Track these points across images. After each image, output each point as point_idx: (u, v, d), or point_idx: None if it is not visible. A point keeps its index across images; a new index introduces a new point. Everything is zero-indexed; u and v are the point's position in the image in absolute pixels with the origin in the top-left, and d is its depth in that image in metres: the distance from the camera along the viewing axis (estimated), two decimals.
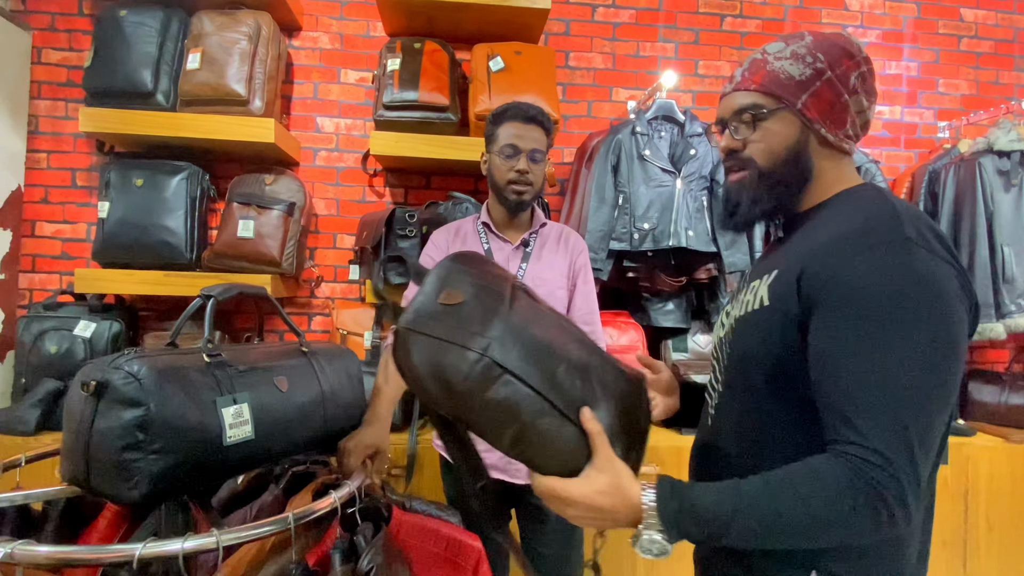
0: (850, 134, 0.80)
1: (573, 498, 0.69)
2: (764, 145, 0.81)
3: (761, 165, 0.81)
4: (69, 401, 0.79)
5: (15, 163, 2.10)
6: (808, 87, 0.78)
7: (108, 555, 0.69)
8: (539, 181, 1.47)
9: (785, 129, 0.80)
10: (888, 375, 0.64)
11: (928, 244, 0.68)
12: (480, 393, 0.66)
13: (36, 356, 1.85)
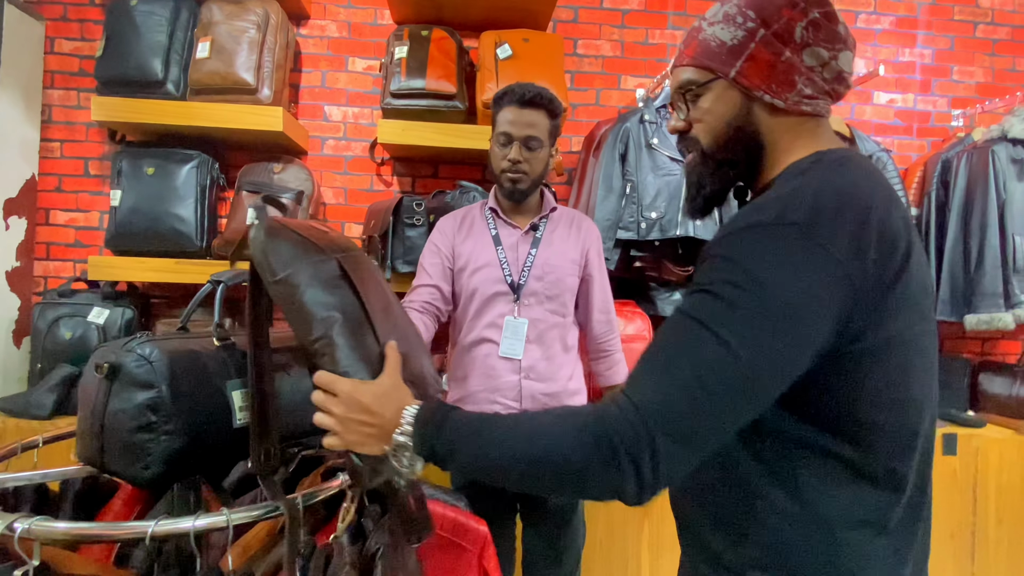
0: (808, 93, 0.70)
1: (344, 391, 0.70)
2: (704, 124, 0.74)
3: (704, 146, 0.75)
4: (83, 383, 0.81)
5: (29, 152, 2.13)
6: (742, 51, 0.69)
7: (122, 532, 0.71)
8: (537, 169, 1.42)
9: (724, 103, 0.72)
10: (686, 347, 0.61)
11: (814, 232, 0.60)
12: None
13: (51, 342, 1.89)
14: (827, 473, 0.64)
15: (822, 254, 0.59)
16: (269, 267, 0.73)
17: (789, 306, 0.59)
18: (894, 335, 0.62)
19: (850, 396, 0.62)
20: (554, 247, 1.47)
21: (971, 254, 2.15)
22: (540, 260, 1.45)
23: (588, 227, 1.53)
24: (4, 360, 1.99)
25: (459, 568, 1.00)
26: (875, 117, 2.48)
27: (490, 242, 1.49)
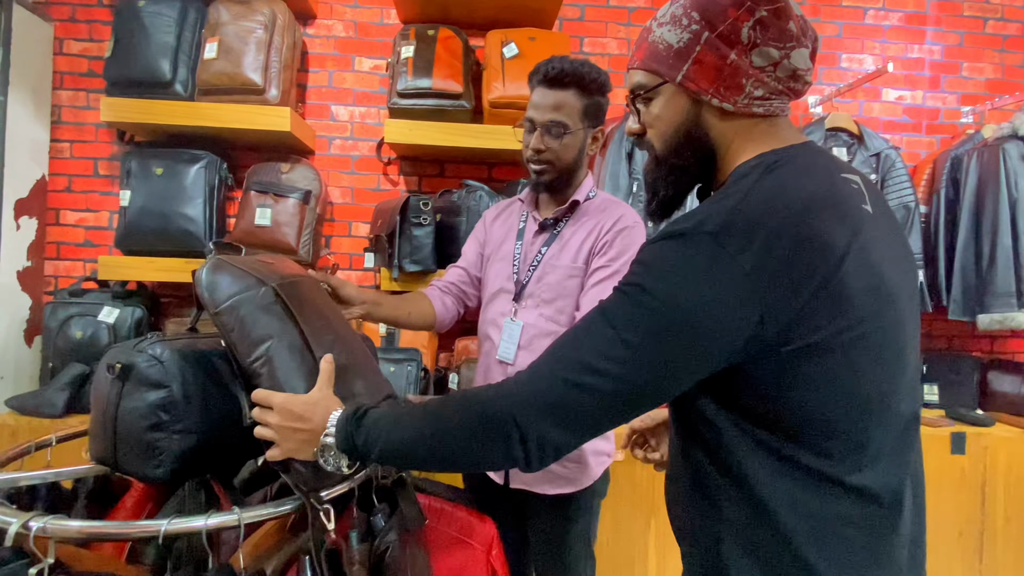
0: (759, 95, 0.68)
1: (278, 403, 0.77)
2: (655, 129, 0.74)
3: (657, 150, 0.75)
4: (96, 383, 0.82)
5: (39, 153, 2.15)
6: (688, 55, 0.68)
7: (135, 530, 0.72)
8: (565, 157, 1.25)
9: (672, 107, 0.71)
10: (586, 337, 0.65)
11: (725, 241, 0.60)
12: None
13: (62, 341, 1.90)
14: (780, 473, 0.64)
15: (729, 264, 0.60)
16: (212, 301, 0.81)
17: (687, 313, 0.61)
18: (827, 339, 0.61)
19: (788, 397, 0.62)
20: (565, 242, 1.28)
21: (983, 253, 2.13)
22: (546, 259, 1.29)
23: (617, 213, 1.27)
24: (16, 359, 2.02)
25: (467, 566, 1.00)
26: (884, 114, 2.47)
27: (514, 235, 1.38)
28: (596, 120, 1.28)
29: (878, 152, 2.22)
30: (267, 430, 0.77)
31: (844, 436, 0.63)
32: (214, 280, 0.81)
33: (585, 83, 1.23)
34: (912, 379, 0.68)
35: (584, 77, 1.22)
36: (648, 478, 1.88)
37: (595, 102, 1.26)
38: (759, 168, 0.67)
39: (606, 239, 1.24)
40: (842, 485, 0.63)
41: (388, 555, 0.81)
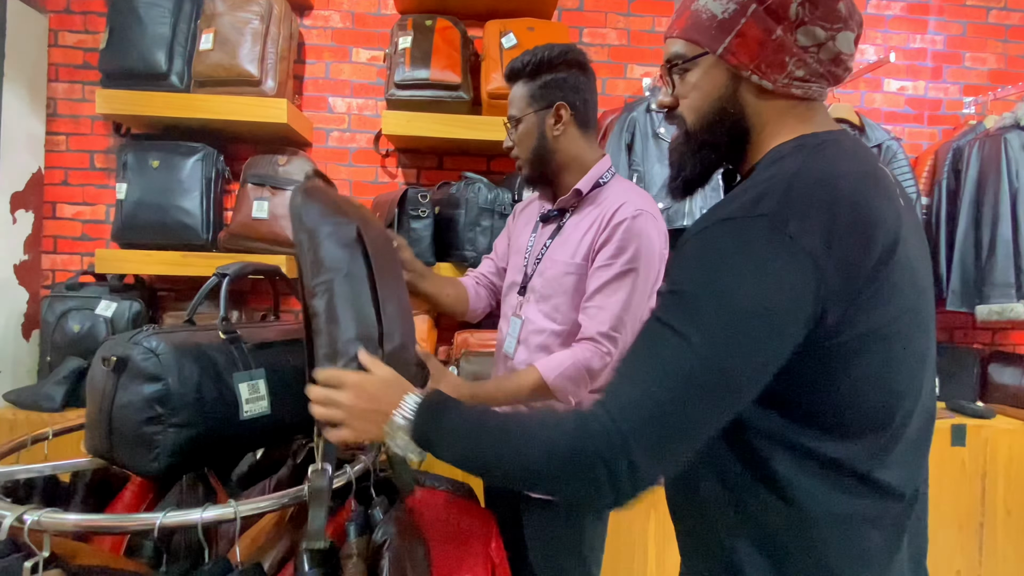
0: (800, 76, 0.66)
1: (353, 382, 0.73)
2: (689, 102, 0.71)
3: (688, 124, 0.72)
4: (92, 376, 0.82)
5: (35, 145, 2.13)
6: (732, 27, 0.65)
7: (131, 523, 0.71)
8: (524, 145, 1.23)
9: (710, 80, 0.69)
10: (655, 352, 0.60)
11: (783, 223, 0.57)
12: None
13: (60, 335, 1.90)
14: (809, 470, 0.62)
15: (789, 246, 0.57)
16: (299, 222, 0.81)
17: (756, 303, 0.57)
18: (875, 329, 0.59)
19: (829, 391, 0.61)
20: (565, 236, 1.23)
21: (983, 244, 2.12)
22: (548, 252, 1.24)
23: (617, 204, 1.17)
24: (14, 353, 2.01)
25: (466, 559, 1.00)
26: (885, 105, 2.45)
27: (531, 227, 1.34)
28: (547, 99, 1.20)
29: (879, 143, 2.20)
30: (336, 411, 0.73)
31: (877, 431, 0.62)
32: (306, 203, 0.82)
33: (527, 70, 1.20)
34: (933, 373, 0.68)
35: (526, 65, 1.19)
36: None
37: (541, 83, 1.20)
38: (803, 149, 0.65)
39: (604, 235, 1.15)
40: (868, 481, 0.62)
41: (386, 548, 0.81)
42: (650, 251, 1.14)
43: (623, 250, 1.13)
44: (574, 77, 1.21)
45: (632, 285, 1.12)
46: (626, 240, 1.13)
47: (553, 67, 1.19)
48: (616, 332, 1.12)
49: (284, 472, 1.04)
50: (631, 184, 1.28)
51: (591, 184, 1.22)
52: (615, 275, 1.13)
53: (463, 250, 1.96)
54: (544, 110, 1.19)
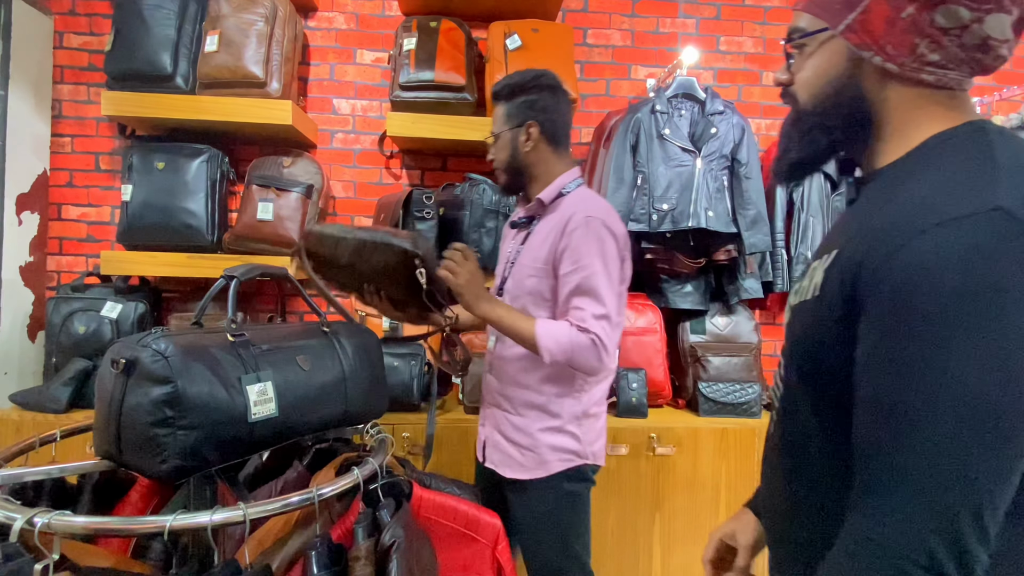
0: (933, 60, 0.57)
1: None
2: (804, 79, 0.66)
3: (800, 103, 0.67)
4: (100, 378, 0.82)
5: (40, 147, 2.14)
6: (857, 3, 0.59)
7: (140, 526, 0.71)
8: (499, 159, 1.37)
9: (827, 58, 0.63)
10: (935, 425, 0.47)
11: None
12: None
13: (66, 336, 1.90)
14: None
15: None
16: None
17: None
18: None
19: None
20: (530, 243, 1.35)
21: None
22: (518, 258, 1.37)
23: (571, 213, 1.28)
24: (20, 354, 2.01)
25: (473, 561, 1.00)
26: None
27: (508, 237, 1.50)
28: (520, 118, 1.34)
29: None
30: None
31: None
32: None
33: (503, 94, 1.35)
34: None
35: (502, 90, 1.35)
36: (652, 472, 1.88)
37: (514, 104, 1.34)
38: (983, 133, 0.57)
39: (563, 244, 1.26)
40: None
41: (394, 549, 0.81)
42: (605, 251, 1.25)
43: (582, 256, 1.24)
44: (544, 99, 1.35)
45: (605, 286, 1.23)
46: (576, 246, 1.24)
47: (526, 90, 1.34)
48: (602, 327, 1.22)
49: (291, 474, 1.04)
50: (591, 193, 1.38)
51: (554, 194, 1.34)
52: (586, 277, 1.23)
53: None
54: (517, 128, 1.34)
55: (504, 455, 1.36)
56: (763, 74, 2.40)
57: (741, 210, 2.05)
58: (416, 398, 1.86)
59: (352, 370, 1.02)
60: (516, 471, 1.33)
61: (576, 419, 1.33)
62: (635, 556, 1.89)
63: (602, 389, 1.39)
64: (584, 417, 1.34)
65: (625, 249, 1.31)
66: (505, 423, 1.36)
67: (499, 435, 1.37)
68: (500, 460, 1.37)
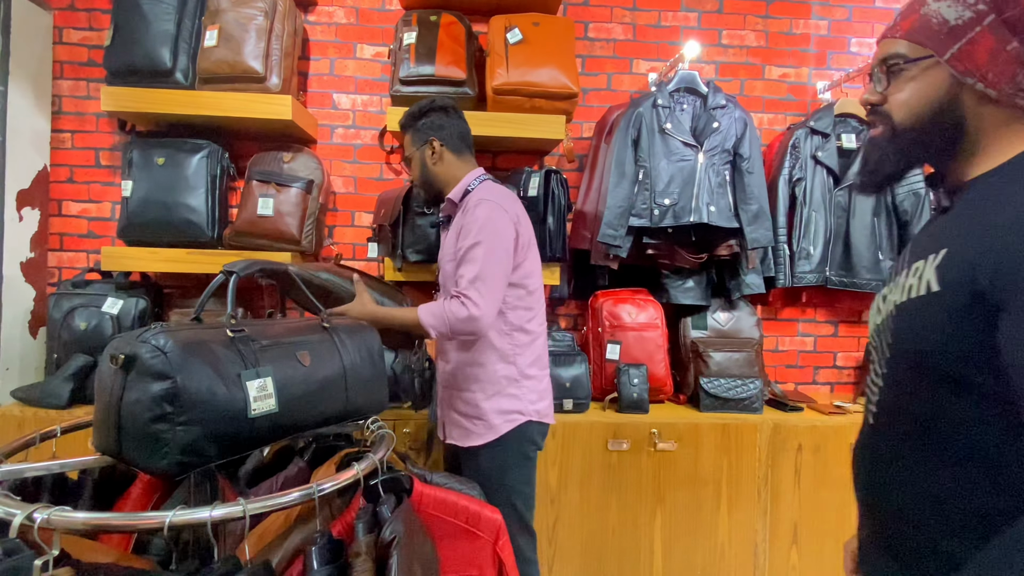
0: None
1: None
2: (903, 101, 0.73)
3: (896, 121, 0.74)
4: (99, 374, 0.81)
5: (40, 143, 2.13)
6: (962, 34, 0.67)
7: (140, 522, 0.71)
8: (415, 176, 1.59)
9: (929, 83, 0.70)
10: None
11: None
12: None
13: (67, 332, 1.90)
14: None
15: None
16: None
17: None
18: None
19: None
20: (450, 237, 1.53)
21: None
22: (442, 252, 1.57)
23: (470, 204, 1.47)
24: (21, 350, 2.02)
25: (474, 556, 1.00)
26: None
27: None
28: (423, 138, 1.55)
29: None
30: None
31: None
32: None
33: (406, 124, 1.57)
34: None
35: (405, 121, 1.57)
36: (654, 468, 1.88)
37: (415, 129, 1.56)
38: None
39: (459, 224, 1.46)
40: None
41: (394, 545, 0.81)
42: (493, 228, 1.41)
43: (470, 232, 1.41)
44: (439, 118, 1.56)
45: (482, 254, 1.39)
46: (471, 223, 1.42)
47: (424, 114, 1.55)
48: (475, 289, 1.37)
49: (292, 470, 1.04)
50: (493, 185, 1.54)
51: (461, 193, 1.54)
52: (467, 249, 1.41)
53: None
54: (423, 146, 1.55)
55: (460, 429, 1.51)
56: (765, 68, 2.39)
57: (743, 205, 2.05)
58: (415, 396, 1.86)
59: (352, 366, 1.02)
60: (472, 439, 1.49)
61: (514, 382, 1.49)
62: (636, 551, 1.89)
63: (534, 352, 1.53)
64: (522, 378, 1.49)
65: (519, 225, 1.47)
66: (457, 400, 1.52)
67: (453, 412, 1.53)
68: (459, 435, 1.52)
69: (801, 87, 2.40)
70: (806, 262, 2.18)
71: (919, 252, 0.71)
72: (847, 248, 2.19)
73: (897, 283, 0.75)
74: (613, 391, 2.01)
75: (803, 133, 2.19)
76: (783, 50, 2.39)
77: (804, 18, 2.39)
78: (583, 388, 1.96)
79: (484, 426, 1.48)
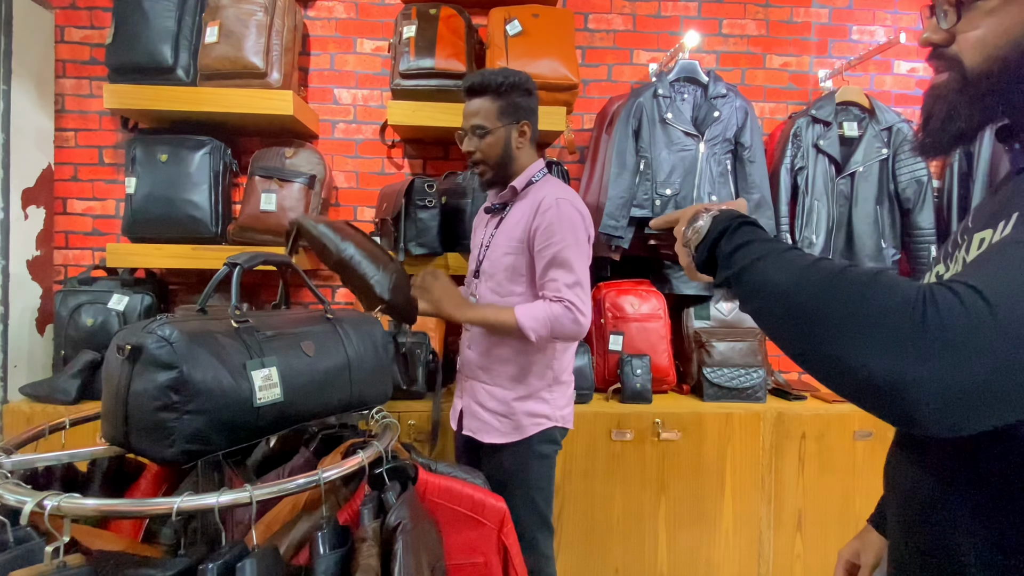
0: None
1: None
2: (978, 39, 0.59)
3: (968, 66, 0.60)
4: (107, 365, 0.82)
5: (44, 141, 2.15)
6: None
7: (148, 508, 0.72)
8: (491, 153, 1.45)
9: (1013, 17, 0.56)
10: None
11: None
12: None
13: (74, 329, 1.92)
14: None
15: None
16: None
17: None
18: None
19: None
20: (503, 226, 1.49)
21: None
22: (494, 239, 1.49)
23: (541, 197, 1.41)
24: (29, 347, 2.04)
25: (479, 543, 1.01)
26: (895, 87, 2.42)
27: (480, 225, 1.62)
28: (515, 117, 1.44)
29: (890, 126, 2.18)
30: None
31: None
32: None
33: (495, 88, 1.41)
34: None
35: (493, 83, 1.41)
36: (657, 457, 1.89)
37: (510, 102, 1.43)
38: None
39: (536, 223, 1.39)
40: None
41: (399, 531, 0.82)
42: (577, 230, 1.39)
43: (555, 232, 1.36)
44: (533, 101, 1.48)
45: (575, 257, 1.37)
46: (556, 224, 1.37)
47: (519, 90, 1.43)
48: (576, 295, 1.35)
49: (298, 460, 1.05)
50: (558, 181, 1.50)
51: (525, 182, 1.48)
52: (558, 250, 1.36)
53: (470, 240, 1.96)
54: (512, 124, 1.44)
55: (482, 422, 1.48)
56: (766, 57, 2.38)
57: (745, 194, 2.04)
58: (421, 386, 1.87)
59: (357, 356, 1.03)
60: (494, 436, 1.46)
61: (548, 387, 1.47)
62: (641, 540, 1.90)
63: (568, 358, 1.51)
64: (556, 384, 1.47)
65: (590, 227, 1.44)
66: (482, 393, 1.48)
67: (476, 405, 1.49)
68: (478, 427, 1.49)
69: (802, 76, 2.39)
70: (809, 251, 2.17)
71: (985, 221, 0.59)
72: (850, 237, 2.19)
73: (956, 259, 0.63)
74: (616, 382, 2.01)
75: (804, 122, 2.18)
76: (784, 39, 2.38)
77: (805, 6, 2.38)
78: (586, 379, 1.97)
79: (511, 426, 1.45)
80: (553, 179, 1.51)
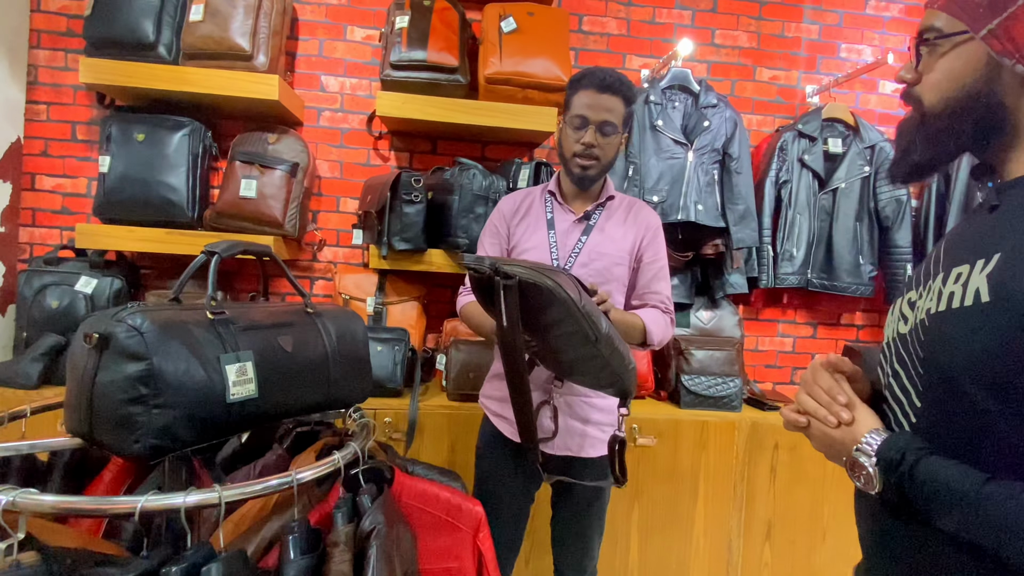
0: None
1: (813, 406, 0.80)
2: (933, 81, 0.64)
3: (925, 105, 0.66)
4: (72, 353, 0.78)
5: (14, 114, 2.06)
6: (1004, 7, 0.58)
7: (111, 506, 0.69)
8: (608, 155, 1.40)
9: (963, 63, 0.62)
10: None
11: None
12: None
13: (37, 310, 1.85)
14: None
15: None
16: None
17: None
18: None
19: None
20: (606, 234, 1.43)
21: None
22: (588, 247, 1.42)
23: (647, 215, 1.47)
24: None
25: (454, 548, 0.99)
26: (880, 107, 2.46)
27: (543, 225, 1.47)
28: (627, 128, 1.45)
29: (873, 144, 2.22)
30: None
31: None
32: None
33: (628, 94, 1.39)
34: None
35: (629, 88, 1.39)
36: (633, 463, 1.89)
37: (631, 112, 1.43)
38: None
39: (647, 237, 1.45)
40: None
41: (373, 536, 0.79)
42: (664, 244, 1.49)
43: (660, 248, 1.46)
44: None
45: (667, 270, 1.48)
46: (659, 240, 1.47)
47: (635, 103, 1.45)
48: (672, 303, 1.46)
49: (270, 457, 1.02)
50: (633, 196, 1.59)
51: (610, 192, 1.50)
52: (661, 267, 1.46)
53: (456, 237, 1.94)
54: (624, 134, 1.44)
55: (583, 438, 1.42)
56: (756, 69, 2.40)
57: (730, 205, 2.06)
58: (398, 384, 1.84)
59: (335, 353, 1.00)
60: (599, 448, 1.43)
61: None
62: (613, 544, 1.90)
63: None
64: None
65: None
66: (584, 407, 1.42)
67: (576, 421, 1.41)
68: (579, 445, 1.42)
69: (790, 90, 2.42)
70: (789, 264, 2.20)
71: (961, 256, 0.62)
72: (829, 251, 2.22)
73: (930, 289, 0.65)
74: None
75: (791, 136, 2.20)
76: (774, 52, 2.40)
77: (796, 21, 2.41)
78: None
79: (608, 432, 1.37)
80: (625, 195, 1.55)
